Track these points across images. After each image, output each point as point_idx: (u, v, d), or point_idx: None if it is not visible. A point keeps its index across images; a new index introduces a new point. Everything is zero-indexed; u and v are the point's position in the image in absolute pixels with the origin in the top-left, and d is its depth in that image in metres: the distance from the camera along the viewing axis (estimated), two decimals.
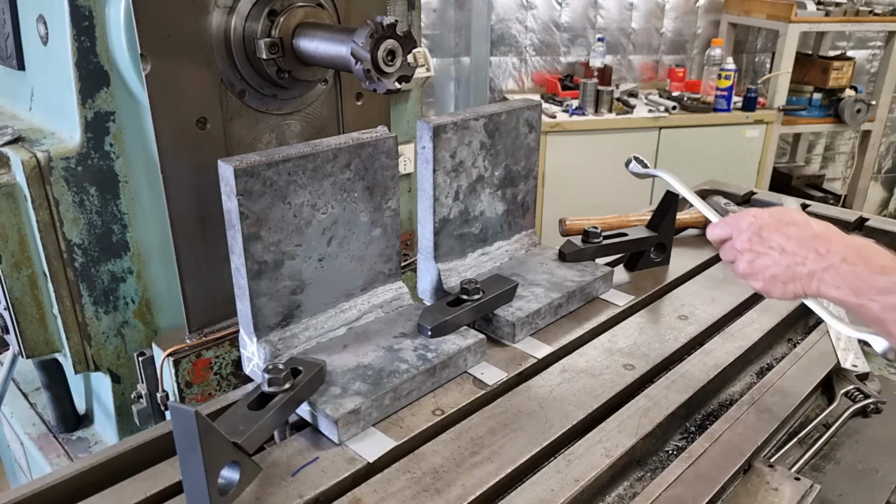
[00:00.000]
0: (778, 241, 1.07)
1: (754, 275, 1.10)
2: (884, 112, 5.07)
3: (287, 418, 1.10)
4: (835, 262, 1.00)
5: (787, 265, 1.05)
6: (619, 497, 1.06)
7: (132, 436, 1.12)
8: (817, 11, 4.59)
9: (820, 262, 1.01)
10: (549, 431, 1.10)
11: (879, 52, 5.50)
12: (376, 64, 1.20)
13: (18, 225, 1.32)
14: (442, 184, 1.37)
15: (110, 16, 1.27)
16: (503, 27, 4.74)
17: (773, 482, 1.06)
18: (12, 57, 1.45)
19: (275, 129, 1.45)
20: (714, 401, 1.28)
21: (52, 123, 1.38)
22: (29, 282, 1.36)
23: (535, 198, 1.60)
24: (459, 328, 1.28)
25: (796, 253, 1.04)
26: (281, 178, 1.12)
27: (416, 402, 1.16)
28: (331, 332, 1.25)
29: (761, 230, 1.09)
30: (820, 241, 1.03)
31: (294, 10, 1.33)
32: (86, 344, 1.42)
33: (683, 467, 1.04)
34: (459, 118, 1.36)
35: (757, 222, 1.10)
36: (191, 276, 1.36)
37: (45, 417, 1.73)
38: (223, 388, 1.44)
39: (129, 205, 1.39)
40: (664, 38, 5.14)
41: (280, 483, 0.99)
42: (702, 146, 4.51)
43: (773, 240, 1.07)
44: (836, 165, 6.01)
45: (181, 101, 1.27)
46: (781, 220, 1.09)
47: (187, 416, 0.84)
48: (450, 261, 1.44)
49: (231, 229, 1.11)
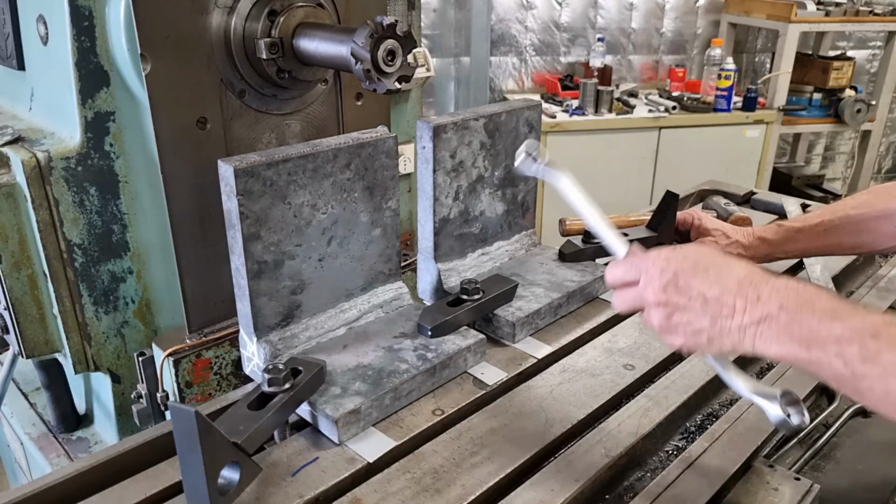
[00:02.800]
0: (698, 288, 0.89)
1: (672, 330, 0.92)
2: (884, 112, 5.07)
3: (287, 418, 1.10)
4: (772, 310, 0.84)
5: (712, 318, 0.88)
6: (619, 497, 1.06)
7: (132, 436, 1.12)
8: (817, 11, 4.59)
9: (753, 311, 0.85)
10: (549, 431, 1.10)
11: (879, 52, 5.50)
12: (376, 64, 1.20)
13: (18, 225, 1.32)
14: (442, 184, 1.37)
15: (110, 16, 1.27)
16: (503, 27, 4.74)
17: (773, 482, 1.06)
18: (12, 57, 1.45)
19: (275, 129, 1.45)
20: (714, 401, 1.28)
21: (52, 123, 1.38)
22: (29, 282, 1.36)
23: (535, 198, 1.60)
24: (459, 328, 1.28)
25: (722, 303, 0.87)
26: (281, 178, 1.12)
27: (416, 402, 1.16)
28: (331, 332, 1.25)
29: (677, 277, 0.91)
30: (748, 286, 0.87)
31: (294, 10, 1.33)
32: (86, 344, 1.42)
33: (683, 467, 1.04)
34: (459, 118, 1.36)
35: (671, 267, 0.92)
36: (191, 276, 1.36)
37: (45, 417, 1.73)
38: (223, 388, 1.44)
39: (129, 205, 1.39)
40: (664, 38, 5.14)
41: (280, 483, 0.99)
42: (702, 146, 4.51)
43: (693, 288, 0.89)
44: (836, 165, 6.01)
45: (181, 101, 1.27)
46: (699, 263, 0.91)
47: (187, 416, 0.84)
48: (450, 261, 1.44)
49: (231, 229, 1.11)
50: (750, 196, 2.21)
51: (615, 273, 0.98)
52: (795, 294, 0.85)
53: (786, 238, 1.54)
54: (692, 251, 0.94)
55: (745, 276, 0.88)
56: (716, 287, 0.88)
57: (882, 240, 1.43)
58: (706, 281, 0.89)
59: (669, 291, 0.91)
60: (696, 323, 0.89)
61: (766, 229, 1.58)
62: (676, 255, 0.93)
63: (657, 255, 0.94)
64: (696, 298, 0.89)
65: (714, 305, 0.88)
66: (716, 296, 0.88)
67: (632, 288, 0.96)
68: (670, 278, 0.91)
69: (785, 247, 1.55)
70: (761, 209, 2.14)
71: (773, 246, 1.56)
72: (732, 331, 0.87)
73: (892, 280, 1.69)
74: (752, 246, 1.58)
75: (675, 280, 0.91)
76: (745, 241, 1.58)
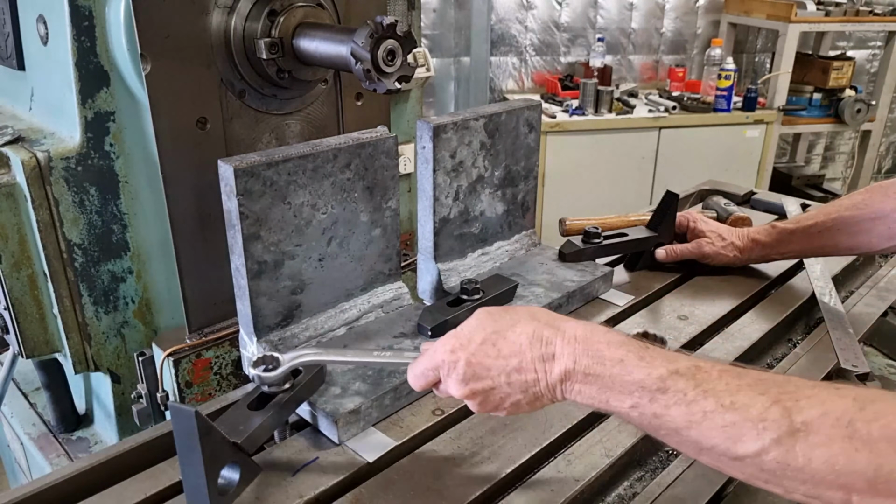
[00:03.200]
0: (497, 370, 0.87)
1: (493, 408, 0.91)
2: (884, 112, 5.08)
3: (287, 418, 1.10)
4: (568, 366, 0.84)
5: (522, 390, 0.87)
6: (619, 497, 1.06)
7: (132, 436, 1.12)
8: (817, 11, 4.59)
9: (553, 370, 0.85)
10: (549, 431, 1.10)
11: (879, 52, 5.50)
12: (376, 64, 1.20)
13: (18, 225, 1.32)
14: (442, 184, 1.37)
15: (110, 16, 1.27)
16: (503, 27, 4.75)
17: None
18: (12, 57, 1.45)
19: (275, 129, 1.45)
20: None
21: (52, 123, 1.38)
22: (29, 282, 1.36)
23: (535, 198, 1.60)
24: None
25: (524, 372, 0.86)
26: (281, 178, 1.12)
27: (416, 402, 1.16)
28: (331, 332, 1.25)
29: (471, 366, 0.88)
30: (540, 345, 0.86)
31: (294, 10, 1.33)
32: (86, 344, 1.42)
33: (683, 467, 1.05)
34: (459, 118, 1.36)
35: (460, 358, 0.89)
36: (191, 276, 1.36)
37: (45, 417, 1.73)
38: (223, 388, 1.44)
39: (129, 205, 1.39)
40: (664, 38, 5.15)
41: (280, 483, 0.99)
42: (702, 146, 4.52)
43: (491, 369, 0.88)
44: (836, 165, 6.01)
45: (181, 101, 1.27)
46: (486, 339, 0.89)
47: (187, 416, 0.84)
48: (450, 261, 1.44)
49: (231, 229, 1.11)
50: (750, 196, 2.21)
51: (416, 381, 0.96)
52: (584, 346, 0.84)
53: (779, 240, 1.54)
54: (472, 325, 0.92)
55: (532, 332, 0.87)
56: (512, 358, 0.87)
57: (878, 241, 1.43)
58: (499, 356, 0.88)
59: (471, 383, 0.89)
60: (509, 399, 0.89)
61: (759, 231, 1.58)
62: (460, 338, 0.91)
63: (443, 348, 0.92)
64: (499, 377, 0.88)
65: (518, 378, 0.87)
66: (515, 367, 0.87)
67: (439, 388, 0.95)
68: (465, 370, 0.89)
69: (779, 248, 1.55)
70: (761, 209, 2.14)
71: (767, 248, 1.56)
72: (545, 392, 0.87)
73: (891, 280, 1.69)
74: (746, 248, 1.58)
75: (470, 370, 0.89)
76: (739, 242, 1.58)
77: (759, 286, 1.58)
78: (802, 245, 1.52)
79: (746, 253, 1.58)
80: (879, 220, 1.41)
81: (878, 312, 1.54)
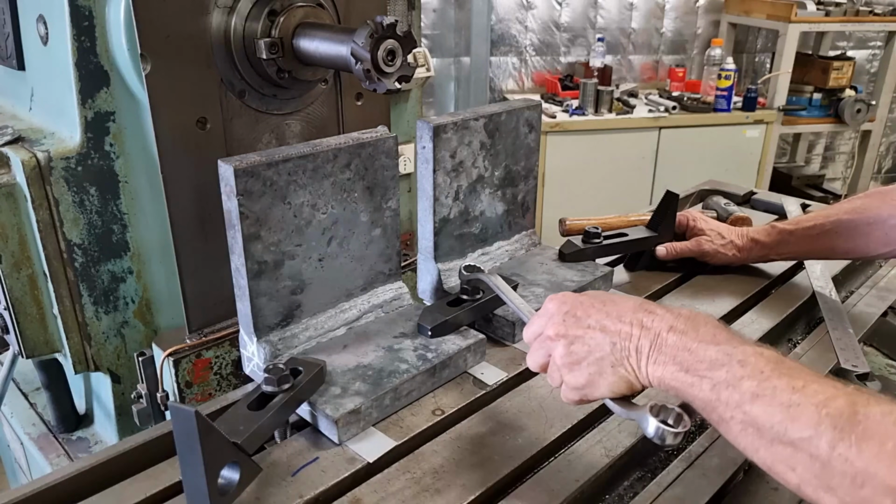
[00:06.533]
0: (596, 318, 0.92)
1: (575, 362, 0.92)
2: (884, 112, 5.08)
3: (287, 418, 1.10)
4: (661, 331, 0.86)
5: (612, 343, 0.89)
6: (619, 497, 1.06)
7: (132, 436, 1.12)
8: (817, 11, 4.59)
9: (647, 333, 0.87)
10: (549, 431, 1.10)
11: (879, 52, 5.50)
12: (376, 64, 1.20)
13: (18, 225, 1.31)
14: (442, 184, 1.37)
15: (110, 16, 1.27)
16: (503, 27, 4.75)
17: (773, 482, 1.05)
18: (12, 57, 1.45)
19: (275, 129, 1.45)
20: None
21: (52, 123, 1.38)
22: (29, 282, 1.36)
23: (535, 198, 1.60)
24: (459, 328, 1.28)
25: (620, 328, 0.89)
26: (281, 178, 1.12)
27: (416, 402, 1.16)
28: (331, 332, 1.25)
29: (575, 309, 0.94)
30: (641, 311, 0.89)
31: (294, 10, 1.33)
32: (86, 344, 1.42)
33: (683, 467, 1.05)
34: (459, 118, 1.36)
35: (568, 302, 0.95)
36: (191, 276, 1.36)
37: (45, 417, 1.73)
38: (223, 388, 1.44)
39: (129, 205, 1.39)
40: (664, 38, 5.15)
41: (280, 483, 0.99)
42: (702, 146, 4.52)
43: (591, 318, 0.92)
44: (836, 165, 6.01)
45: (181, 101, 1.27)
46: (596, 298, 0.95)
47: (187, 416, 0.84)
48: (450, 261, 1.44)
49: (231, 229, 1.11)
50: (750, 196, 2.21)
51: (527, 331, 1.01)
52: (685, 318, 0.87)
53: (778, 241, 1.54)
54: (590, 292, 0.98)
55: (639, 304, 0.92)
56: (613, 315, 0.91)
57: (874, 245, 1.43)
58: (602, 311, 0.92)
59: (569, 323, 0.93)
60: (596, 351, 0.90)
61: (759, 231, 1.58)
62: (574, 295, 0.97)
63: (555, 297, 0.98)
64: (595, 327, 0.91)
65: (612, 331, 0.90)
66: (613, 322, 0.90)
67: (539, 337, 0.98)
68: (568, 310, 0.94)
69: (778, 249, 1.55)
70: (761, 209, 2.14)
71: (766, 248, 1.56)
72: (631, 353, 0.88)
73: (891, 280, 1.69)
74: (745, 247, 1.58)
75: (573, 312, 0.94)
76: (739, 242, 1.59)
77: (759, 286, 1.58)
78: (801, 246, 1.52)
79: (745, 252, 1.58)
80: (876, 226, 1.41)
81: (878, 312, 1.54)
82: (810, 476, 0.71)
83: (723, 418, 0.79)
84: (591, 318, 0.92)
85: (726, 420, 0.79)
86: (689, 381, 0.82)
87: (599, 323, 0.91)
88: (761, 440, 0.75)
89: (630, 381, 0.89)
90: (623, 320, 0.90)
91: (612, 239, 1.61)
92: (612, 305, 0.92)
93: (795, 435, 0.71)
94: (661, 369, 0.85)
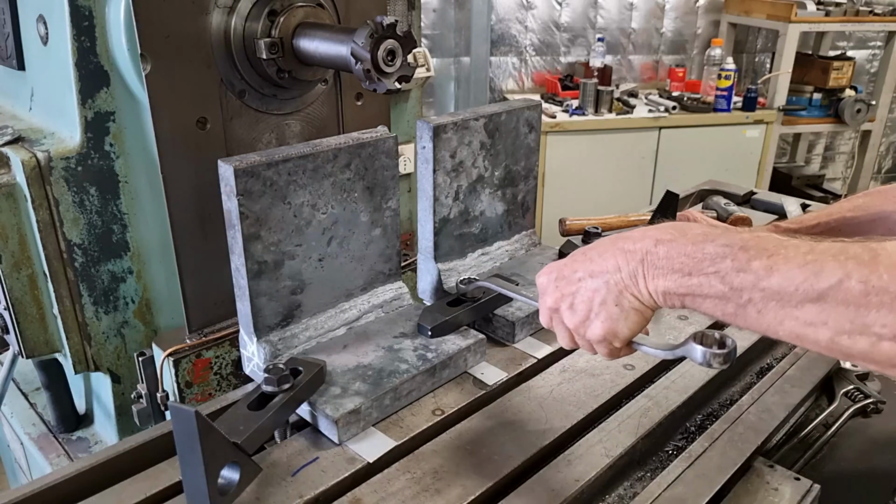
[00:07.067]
0: (583, 268, 0.92)
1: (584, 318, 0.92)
2: (884, 112, 5.08)
3: (287, 418, 1.10)
4: (649, 246, 0.85)
5: (605, 283, 0.89)
6: (619, 497, 1.06)
7: (132, 436, 1.12)
8: (817, 11, 4.59)
9: (633, 256, 0.86)
10: (549, 431, 1.10)
11: (879, 52, 5.50)
12: (376, 64, 1.20)
13: (18, 225, 1.31)
14: (442, 184, 1.37)
15: (110, 16, 1.27)
16: (503, 27, 4.75)
17: (773, 482, 1.06)
18: (12, 57, 1.45)
19: (275, 129, 1.45)
20: (714, 401, 1.28)
21: (52, 123, 1.38)
22: (29, 282, 1.36)
23: (535, 198, 1.60)
24: (459, 328, 1.28)
25: (606, 267, 0.89)
26: (281, 178, 1.12)
27: (416, 402, 1.16)
28: (331, 332, 1.25)
29: (562, 271, 0.95)
30: (623, 240, 0.89)
31: (294, 10, 1.33)
32: (86, 344, 1.42)
33: (683, 467, 1.05)
34: (459, 118, 1.36)
35: (554, 269, 0.97)
36: (191, 276, 1.36)
37: (45, 417, 1.73)
38: (223, 388, 1.44)
39: (129, 205, 1.39)
40: (664, 38, 5.15)
41: (280, 483, 0.99)
42: (702, 146, 4.52)
43: (578, 271, 0.92)
44: (836, 165, 6.01)
45: (181, 101, 1.27)
46: (575, 255, 0.95)
47: (187, 416, 0.84)
48: (450, 261, 1.44)
49: (231, 229, 1.11)
50: (750, 196, 2.21)
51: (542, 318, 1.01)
52: (670, 228, 0.86)
53: None
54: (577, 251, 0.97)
55: (616, 236, 0.91)
56: (596, 259, 0.91)
57: None
58: (585, 259, 0.93)
59: (560, 285, 0.94)
60: (595, 297, 0.90)
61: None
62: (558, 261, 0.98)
63: (541, 272, 0.99)
64: (584, 276, 0.92)
65: (601, 271, 0.90)
66: (598, 264, 0.90)
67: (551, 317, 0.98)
68: (557, 275, 0.95)
69: None
70: (761, 209, 2.14)
71: None
72: (627, 282, 0.87)
73: None
74: None
75: (560, 275, 0.95)
76: None
77: None
78: None
79: None
80: (880, 222, 1.41)
81: None
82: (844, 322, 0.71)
83: (739, 306, 0.78)
84: (578, 271, 0.92)
85: (743, 305, 0.78)
86: (695, 283, 0.81)
87: (587, 270, 0.91)
88: (785, 309, 0.75)
89: (641, 311, 0.89)
90: (605, 257, 0.89)
91: None
92: (593, 250, 0.92)
93: (823, 285, 0.72)
94: (663, 281, 0.84)
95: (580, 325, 0.93)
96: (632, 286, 0.87)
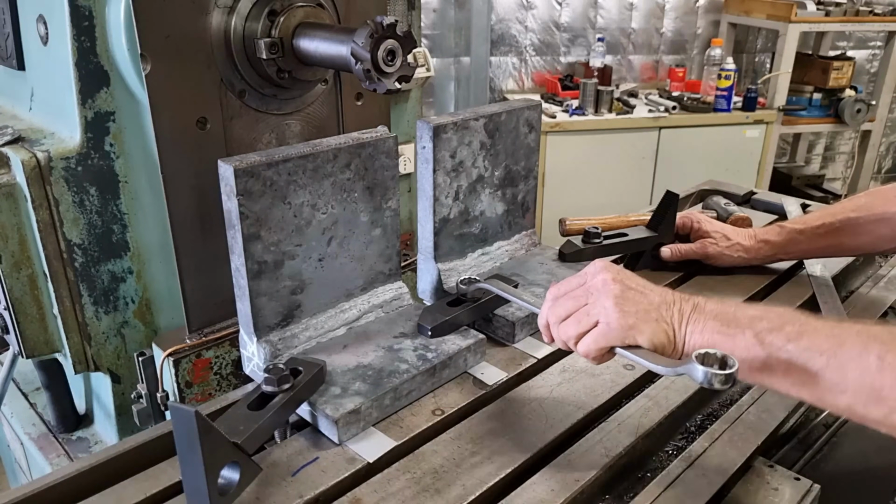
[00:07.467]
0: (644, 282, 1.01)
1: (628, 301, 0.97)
2: (884, 112, 5.07)
3: (287, 418, 1.10)
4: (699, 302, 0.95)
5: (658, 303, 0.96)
6: (619, 497, 1.06)
7: (132, 436, 1.12)
8: (817, 11, 4.59)
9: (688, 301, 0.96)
10: (549, 431, 1.10)
11: (879, 52, 5.50)
12: (376, 64, 1.20)
13: (18, 225, 1.32)
14: (442, 184, 1.37)
15: (110, 16, 1.27)
16: (503, 27, 4.74)
17: (773, 482, 1.06)
18: (12, 57, 1.45)
19: (275, 129, 1.45)
20: (714, 401, 1.28)
21: (52, 123, 1.38)
22: (29, 282, 1.36)
23: (535, 198, 1.60)
24: (459, 328, 1.28)
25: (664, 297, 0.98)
26: (281, 178, 1.12)
27: (416, 402, 1.16)
28: (331, 332, 1.25)
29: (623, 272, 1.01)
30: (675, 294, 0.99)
31: (294, 10, 1.33)
32: (86, 344, 1.42)
33: (683, 467, 1.04)
34: (459, 118, 1.36)
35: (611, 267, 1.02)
36: (191, 276, 1.36)
37: (45, 417, 1.73)
38: (223, 388, 1.44)
39: (129, 205, 1.39)
40: (664, 38, 5.15)
41: (280, 483, 0.99)
42: (702, 146, 4.52)
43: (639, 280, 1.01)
44: (836, 165, 6.01)
45: (181, 101, 1.27)
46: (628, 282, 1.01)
47: (187, 416, 0.84)
48: (450, 261, 1.44)
49: (231, 229, 1.11)
50: (750, 196, 2.21)
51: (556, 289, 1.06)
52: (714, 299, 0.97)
53: (788, 240, 1.55)
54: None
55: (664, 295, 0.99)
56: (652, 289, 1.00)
57: (881, 242, 1.46)
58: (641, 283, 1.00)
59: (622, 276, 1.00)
60: (644, 303, 0.96)
61: (768, 231, 1.59)
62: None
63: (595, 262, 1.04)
64: (646, 286, 0.99)
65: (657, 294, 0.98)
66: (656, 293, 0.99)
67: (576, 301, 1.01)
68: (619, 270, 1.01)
69: (787, 248, 1.56)
70: (761, 209, 2.14)
71: (776, 247, 1.57)
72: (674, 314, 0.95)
73: (891, 280, 1.69)
74: (753, 248, 1.58)
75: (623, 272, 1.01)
76: (746, 243, 1.58)
77: (759, 285, 1.58)
78: (809, 245, 1.54)
79: (754, 253, 1.58)
80: (883, 222, 1.43)
81: (878, 312, 1.54)
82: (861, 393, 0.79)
83: (766, 364, 0.86)
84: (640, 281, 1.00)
85: (770, 365, 0.85)
86: (731, 333, 0.89)
87: (646, 287, 0.99)
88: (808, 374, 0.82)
89: (668, 337, 0.95)
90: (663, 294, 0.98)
91: (612, 239, 1.61)
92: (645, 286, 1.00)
93: (845, 356, 0.80)
94: (702, 326, 0.92)
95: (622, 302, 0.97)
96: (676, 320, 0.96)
